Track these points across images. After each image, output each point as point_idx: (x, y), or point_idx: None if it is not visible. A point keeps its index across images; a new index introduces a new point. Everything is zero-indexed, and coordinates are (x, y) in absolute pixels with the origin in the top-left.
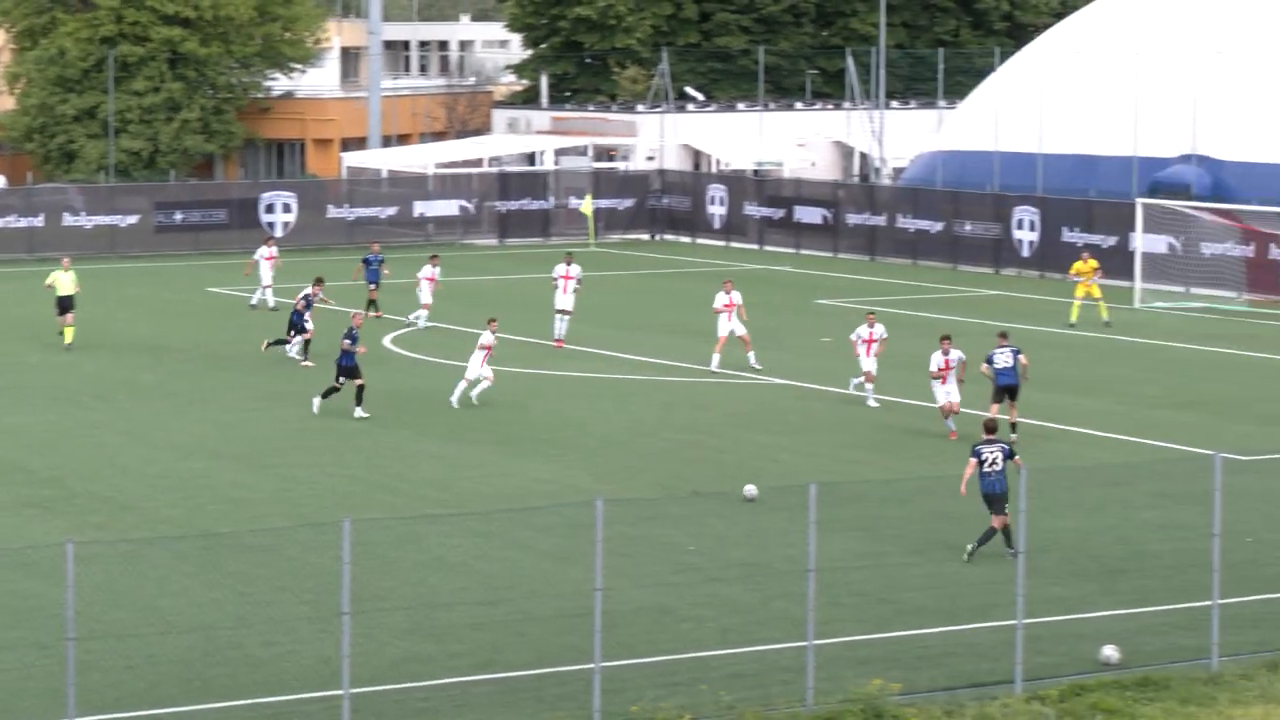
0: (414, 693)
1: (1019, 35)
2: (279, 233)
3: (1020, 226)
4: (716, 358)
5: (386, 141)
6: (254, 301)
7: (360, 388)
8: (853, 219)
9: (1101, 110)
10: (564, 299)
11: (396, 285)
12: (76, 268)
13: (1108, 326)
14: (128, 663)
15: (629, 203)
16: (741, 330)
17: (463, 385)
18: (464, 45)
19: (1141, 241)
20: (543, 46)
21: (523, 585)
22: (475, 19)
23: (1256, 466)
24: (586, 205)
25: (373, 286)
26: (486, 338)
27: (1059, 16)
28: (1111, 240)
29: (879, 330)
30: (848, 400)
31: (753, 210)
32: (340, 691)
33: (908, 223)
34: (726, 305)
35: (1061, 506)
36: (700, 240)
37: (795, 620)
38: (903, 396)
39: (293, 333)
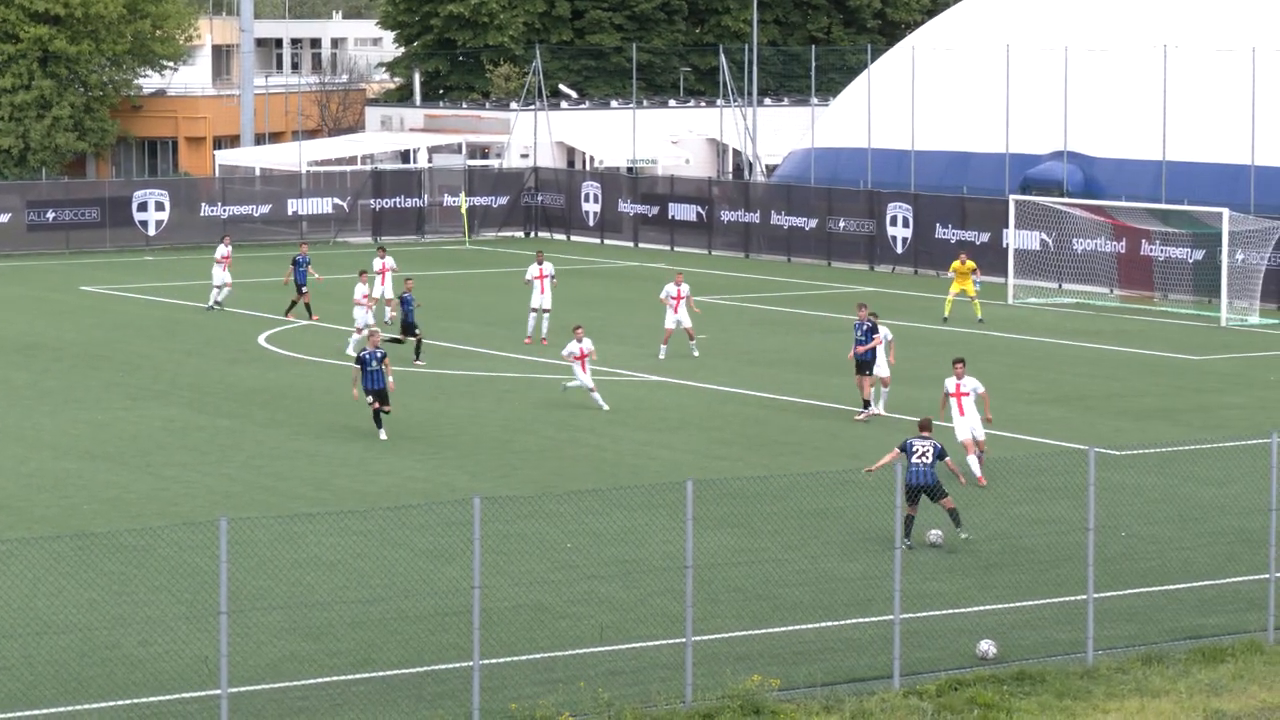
0: (292, 692)
1: (891, 33)
2: (152, 231)
3: (894, 223)
4: (663, 349)
5: (259, 140)
6: (216, 301)
7: (383, 411)
8: (727, 216)
9: (974, 107)
10: (540, 298)
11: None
12: None
13: (980, 323)
14: (3, 664)
15: (503, 200)
16: (688, 322)
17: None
18: (336, 43)
19: (1014, 238)
20: (415, 44)
21: (400, 584)
22: (347, 16)
23: (1129, 461)
24: (463, 203)
25: (304, 290)
26: (574, 346)
27: (930, 14)
28: (984, 237)
29: (884, 332)
30: (722, 397)
31: (627, 208)
32: (218, 691)
33: (782, 220)
34: (674, 297)
35: None
36: (575, 238)
37: (673, 617)
38: (776, 393)
39: (416, 332)
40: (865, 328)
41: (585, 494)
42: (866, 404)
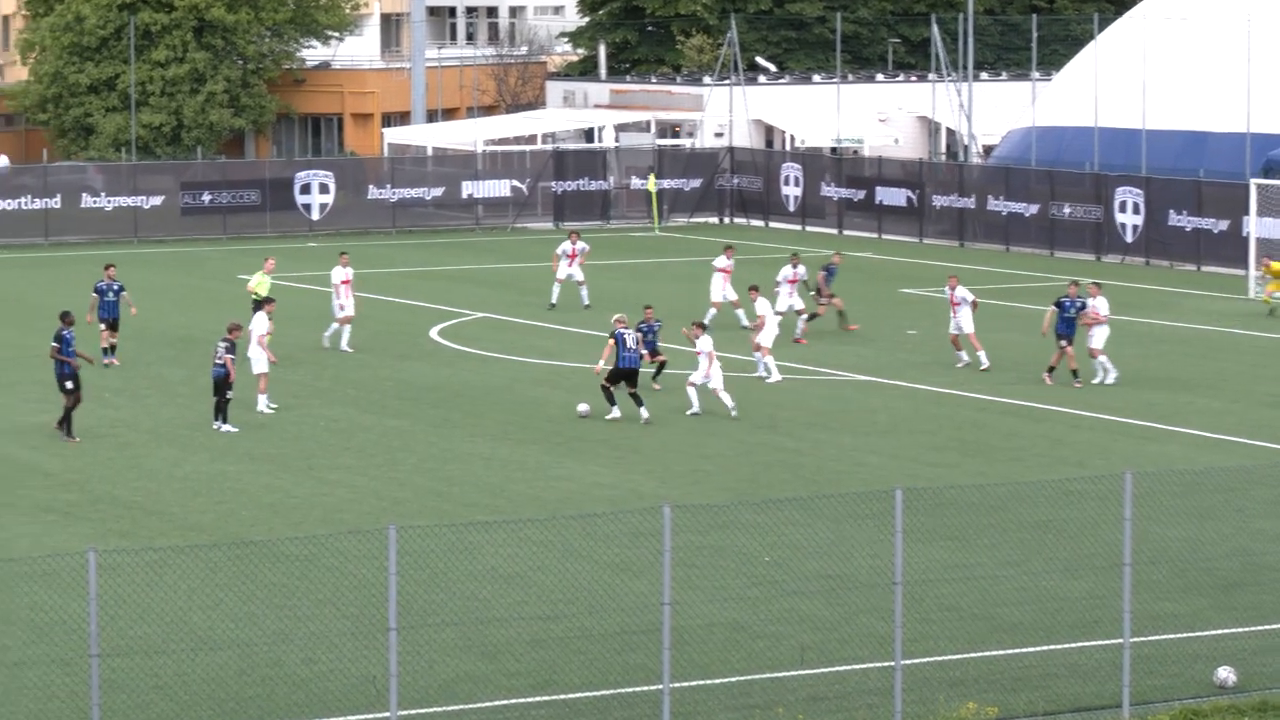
0: (466, 715)
1: (1120, 0)
2: (315, 215)
3: (1123, 209)
4: (967, 356)
5: (431, 116)
6: (586, 302)
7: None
8: (939, 201)
9: (1211, 83)
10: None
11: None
12: (93, 252)
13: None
14: (156, 682)
15: (696, 183)
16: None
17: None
18: (515, 11)
19: (1256, 225)
20: (600, 13)
21: (583, 599)
22: None
23: None
24: (650, 184)
25: (835, 297)
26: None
27: None
28: (1223, 225)
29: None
30: (935, 398)
31: (831, 191)
32: (387, 714)
33: (999, 205)
34: (953, 302)
35: (1171, 514)
36: (774, 224)
37: (881, 638)
38: (994, 394)
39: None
40: (1077, 306)
41: (785, 503)
42: (1060, 371)
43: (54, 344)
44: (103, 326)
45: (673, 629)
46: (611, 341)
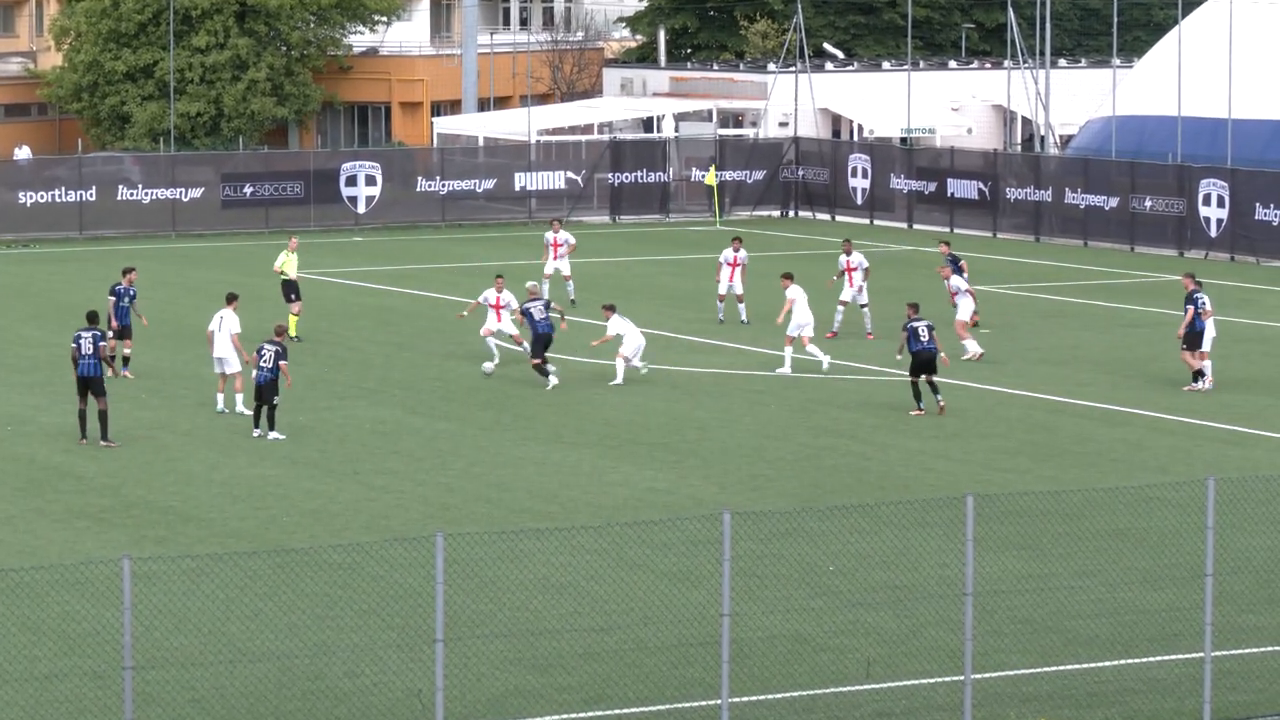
0: None
1: None
2: (361, 208)
3: (1207, 203)
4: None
5: (483, 105)
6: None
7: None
8: (1014, 194)
9: None
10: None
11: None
12: (130, 246)
13: None
14: (193, 695)
15: (759, 175)
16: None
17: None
18: None
19: None
20: None
21: (639, 610)
22: None
23: None
24: (710, 177)
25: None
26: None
27: None
28: None
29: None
30: (1006, 400)
31: (900, 183)
32: None
33: (1077, 198)
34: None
35: (1255, 522)
36: (841, 217)
37: (950, 651)
38: (1069, 396)
39: None
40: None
41: (849, 510)
42: (1197, 375)
43: (103, 345)
44: (111, 334)
45: (732, 641)
46: (519, 315)
